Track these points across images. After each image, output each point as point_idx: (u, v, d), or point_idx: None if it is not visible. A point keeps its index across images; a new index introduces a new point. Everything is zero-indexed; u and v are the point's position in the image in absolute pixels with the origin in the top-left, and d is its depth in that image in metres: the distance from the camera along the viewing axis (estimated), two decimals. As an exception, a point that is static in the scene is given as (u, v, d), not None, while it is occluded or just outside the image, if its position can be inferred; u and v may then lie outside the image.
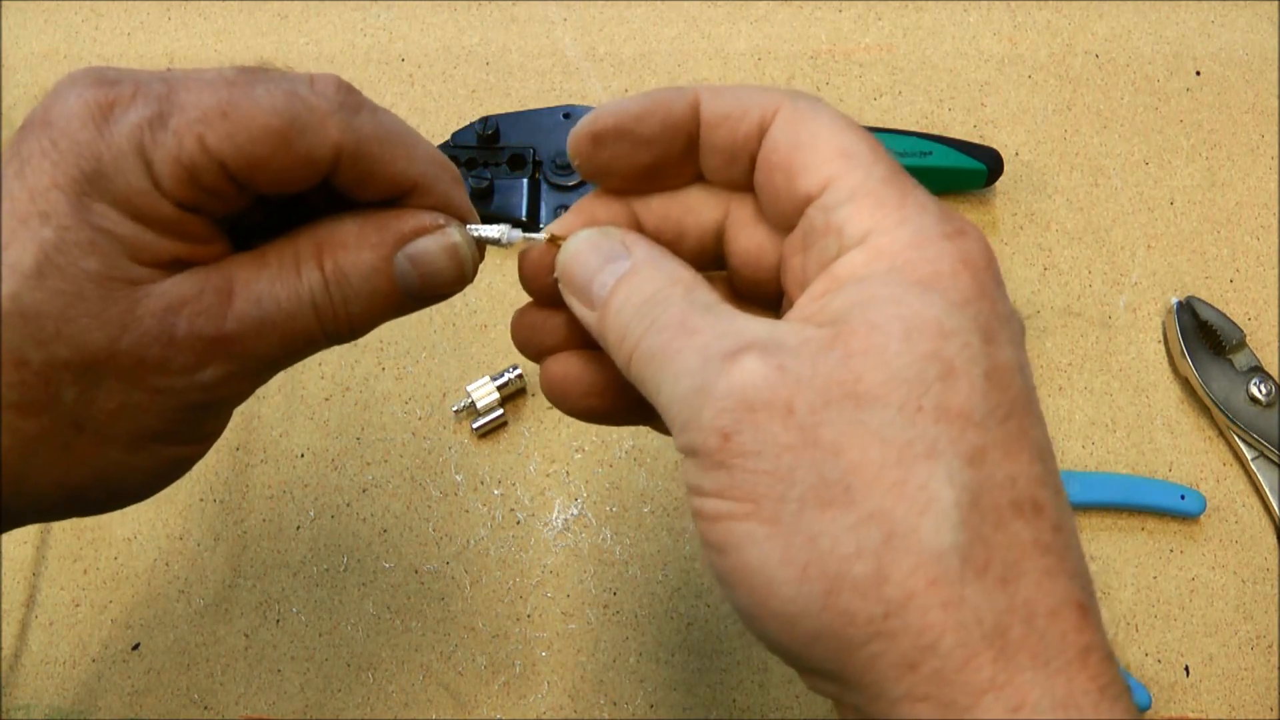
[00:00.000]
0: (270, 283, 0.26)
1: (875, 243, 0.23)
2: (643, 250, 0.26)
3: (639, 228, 0.29)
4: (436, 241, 0.28)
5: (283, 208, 0.28)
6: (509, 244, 0.29)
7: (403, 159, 0.27)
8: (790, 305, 0.26)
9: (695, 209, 0.28)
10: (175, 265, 0.26)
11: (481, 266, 0.30)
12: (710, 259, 0.29)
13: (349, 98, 0.26)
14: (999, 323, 0.23)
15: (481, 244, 0.29)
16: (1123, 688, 0.21)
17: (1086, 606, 0.21)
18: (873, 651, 0.21)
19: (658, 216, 0.29)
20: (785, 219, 0.26)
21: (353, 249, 0.27)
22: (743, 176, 0.27)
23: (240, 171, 0.25)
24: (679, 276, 0.25)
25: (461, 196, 0.29)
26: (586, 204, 0.29)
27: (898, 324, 0.22)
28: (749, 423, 0.22)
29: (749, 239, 0.28)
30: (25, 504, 0.26)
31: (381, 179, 0.27)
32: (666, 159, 0.27)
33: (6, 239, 0.24)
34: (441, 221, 0.28)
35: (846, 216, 0.24)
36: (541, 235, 0.29)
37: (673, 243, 0.28)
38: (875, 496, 0.21)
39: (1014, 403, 0.22)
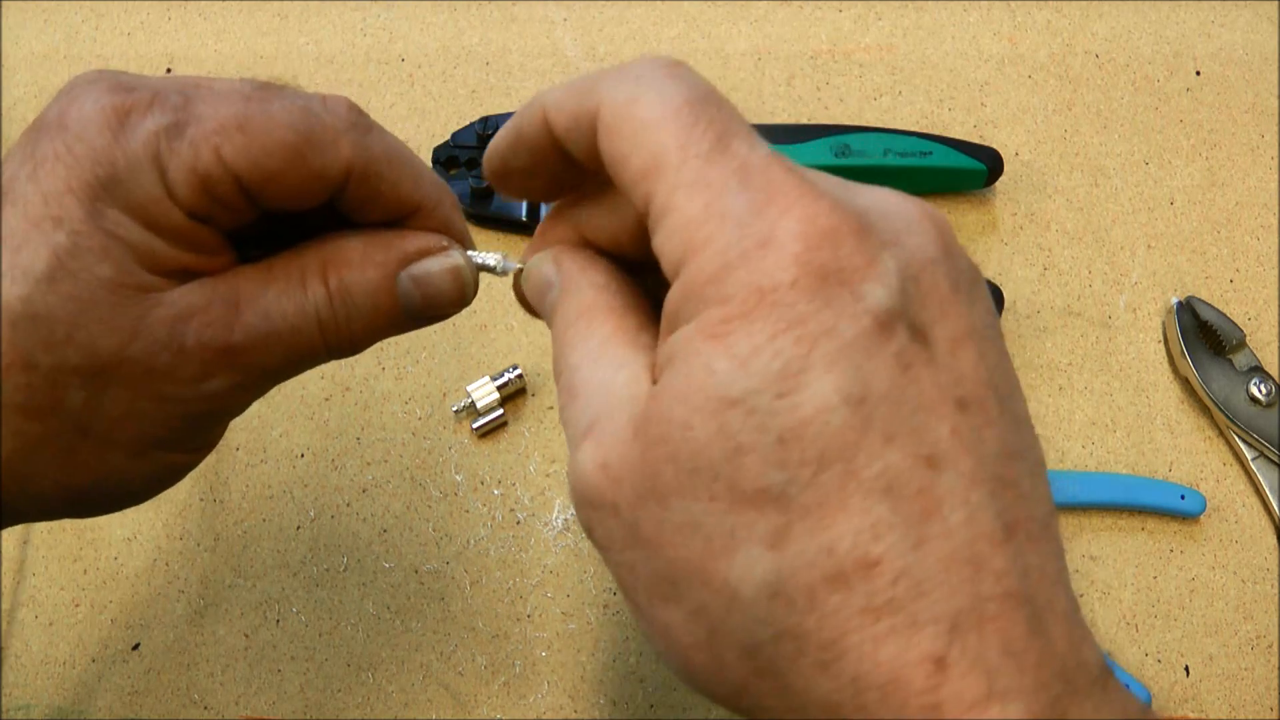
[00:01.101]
0: (277, 297, 0.27)
1: (685, 277, 0.21)
2: (567, 268, 0.26)
3: (583, 240, 0.28)
4: (440, 263, 0.28)
5: (284, 222, 0.28)
6: (504, 273, 0.30)
7: (408, 181, 0.28)
8: None
9: (616, 209, 0.27)
10: (183, 275, 0.26)
11: None
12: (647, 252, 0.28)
13: (360, 118, 0.27)
14: (810, 348, 0.20)
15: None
16: None
17: (943, 656, 0.19)
18: (750, 717, 0.22)
19: (594, 226, 0.28)
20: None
21: (357, 267, 0.27)
22: None
23: (253, 185, 0.25)
24: (584, 305, 0.25)
25: (461, 221, 0.30)
26: (543, 226, 0.29)
27: (679, 408, 0.20)
28: (596, 519, 0.22)
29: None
30: (26, 504, 0.26)
31: (387, 200, 0.28)
32: (561, 170, 0.26)
33: (19, 242, 0.24)
34: (445, 244, 0.29)
35: (660, 244, 0.22)
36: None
37: (611, 246, 0.27)
38: (694, 592, 0.21)
39: (827, 451, 0.19)
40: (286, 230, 0.28)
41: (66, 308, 0.24)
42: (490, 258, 0.30)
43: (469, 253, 0.30)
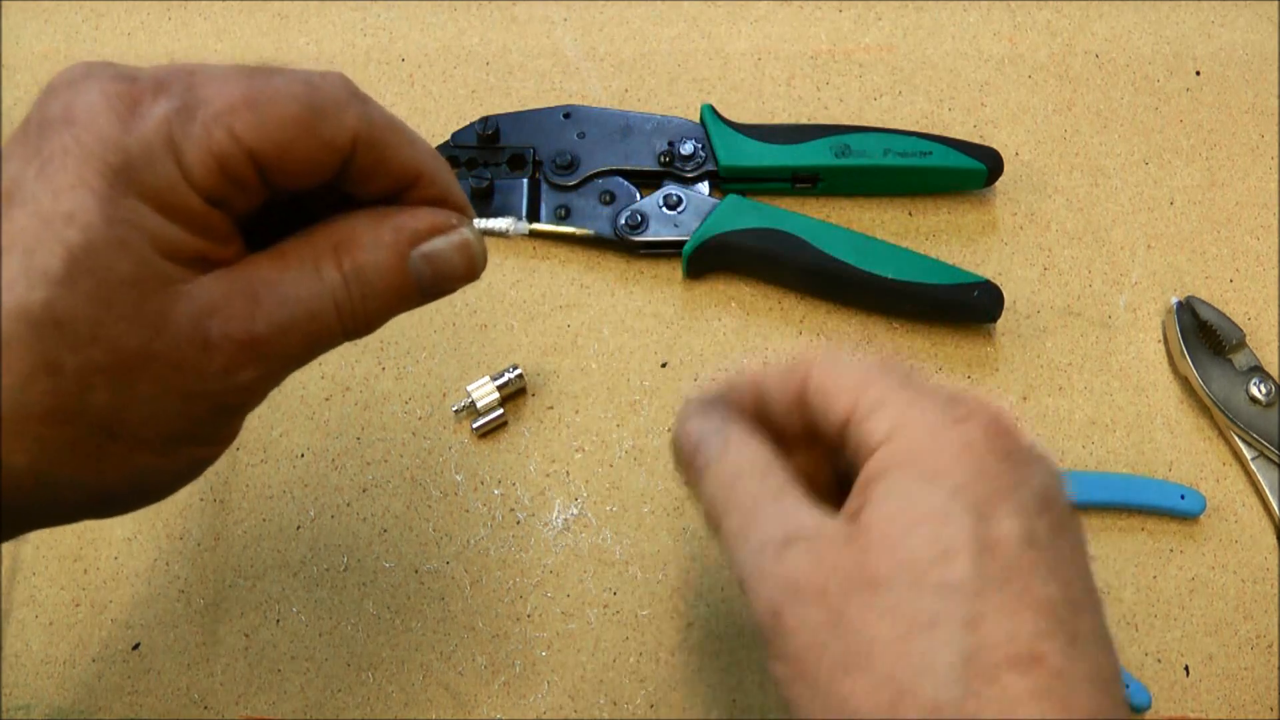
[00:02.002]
0: (294, 284, 0.27)
1: (895, 440, 0.27)
2: (736, 430, 0.31)
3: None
4: (450, 240, 0.29)
5: (284, 208, 0.28)
6: (515, 235, 0.31)
7: (408, 148, 0.28)
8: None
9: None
10: (200, 264, 0.26)
11: None
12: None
13: (357, 90, 0.27)
14: (999, 496, 0.26)
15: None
16: None
17: None
18: None
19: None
20: (839, 444, 0.30)
21: (369, 248, 0.28)
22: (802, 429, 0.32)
23: (268, 160, 0.25)
24: (759, 459, 0.30)
25: (459, 188, 0.30)
26: (718, 386, 0.34)
27: (903, 517, 0.26)
28: (793, 604, 0.27)
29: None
30: (52, 509, 0.26)
31: (392, 167, 0.28)
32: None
33: (33, 243, 0.23)
34: (454, 221, 0.29)
35: (872, 426, 0.28)
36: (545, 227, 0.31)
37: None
38: (887, 662, 0.25)
39: (1011, 568, 0.25)
40: (287, 217, 0.28)
41: (88, 307, 0.23)
42: (499, 223, 0.30)
43: (479, 221, 0.30)
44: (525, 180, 0.51)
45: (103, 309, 0.24)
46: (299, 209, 0.28)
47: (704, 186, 0.52)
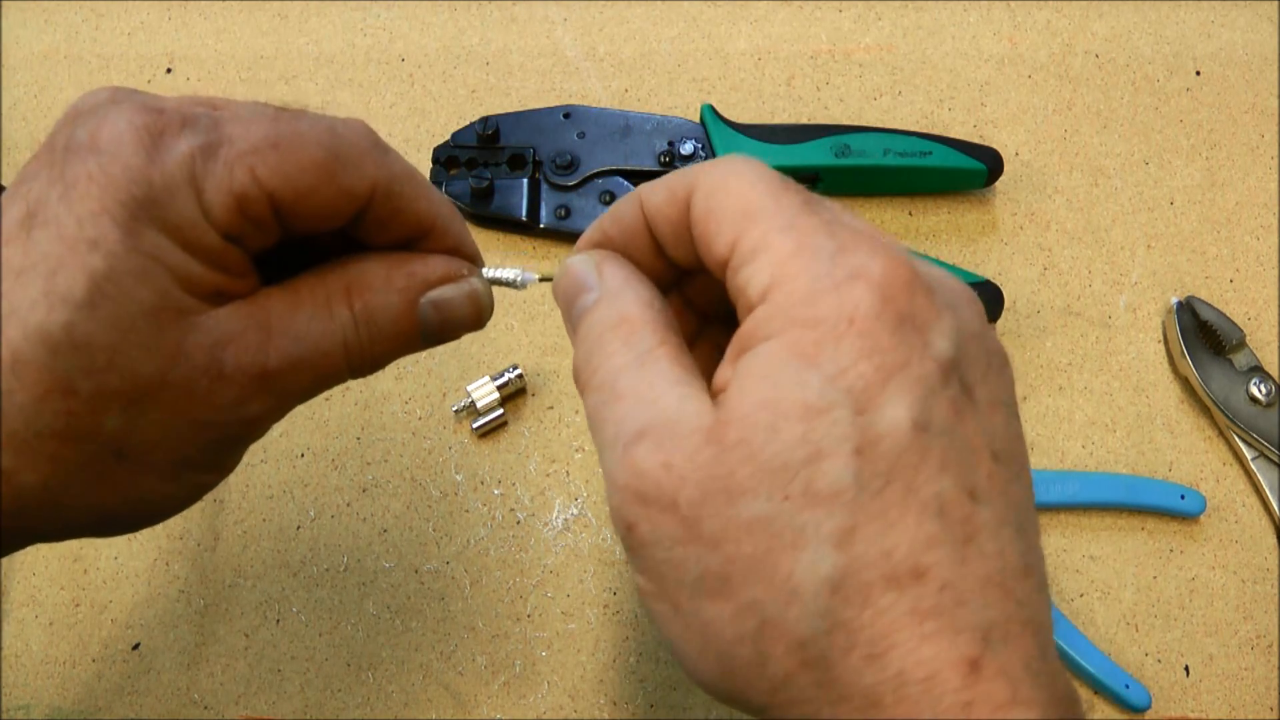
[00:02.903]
0: (306, 321, 0.27)
1: (772, 300, 0.24)
2: (610, 278, 0.28)
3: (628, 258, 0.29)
4: (460, 289, 0.29)
5: (297, 246, 0.29)
6: (523, 286, 0.31)
7: (424, 200, 0.29)
8: None
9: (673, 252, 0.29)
10: (216, 297, 0.26)
11: None
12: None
13: (379, 139, 0.28)
14: (886, 377, 0.22)
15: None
16: None
17: (978, 659, 0.21)
18: (776, 715, 0.23)
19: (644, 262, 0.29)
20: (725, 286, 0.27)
21: (381, 292, 0.28)
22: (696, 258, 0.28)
23: (286, 203, 0.26)
24: (628, 316, 0.26)
25: (471, 240, 0.31)
26: (590, 235, 0.30)
27: (766, 413, 0.22)
28: (644, 515, 0.23)
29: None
30: (55, 525, 0.26)
31: (407, 219, 0.28)
32: (647, 260, 0.29)
33: (55, 266, 0.23)
34: (465, 271, 0.29)
35: (748, 277, 0.24)
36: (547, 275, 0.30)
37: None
38: (749, 587, 0.22)
39: (894, 467, 0.22)
40: (302, 254, 0.29)
41: (108, 334, 0.24)
42: (508, 273, 0.30)
43: (487, 270, 0.30)
44: (525, 180, 0.51)
45: (120, 336, 0.24)
46: (313, 247, 0.29)
47: (704, 186, 0.52)
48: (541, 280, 0.31)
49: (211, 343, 0.25)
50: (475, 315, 0.30)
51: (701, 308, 0.31)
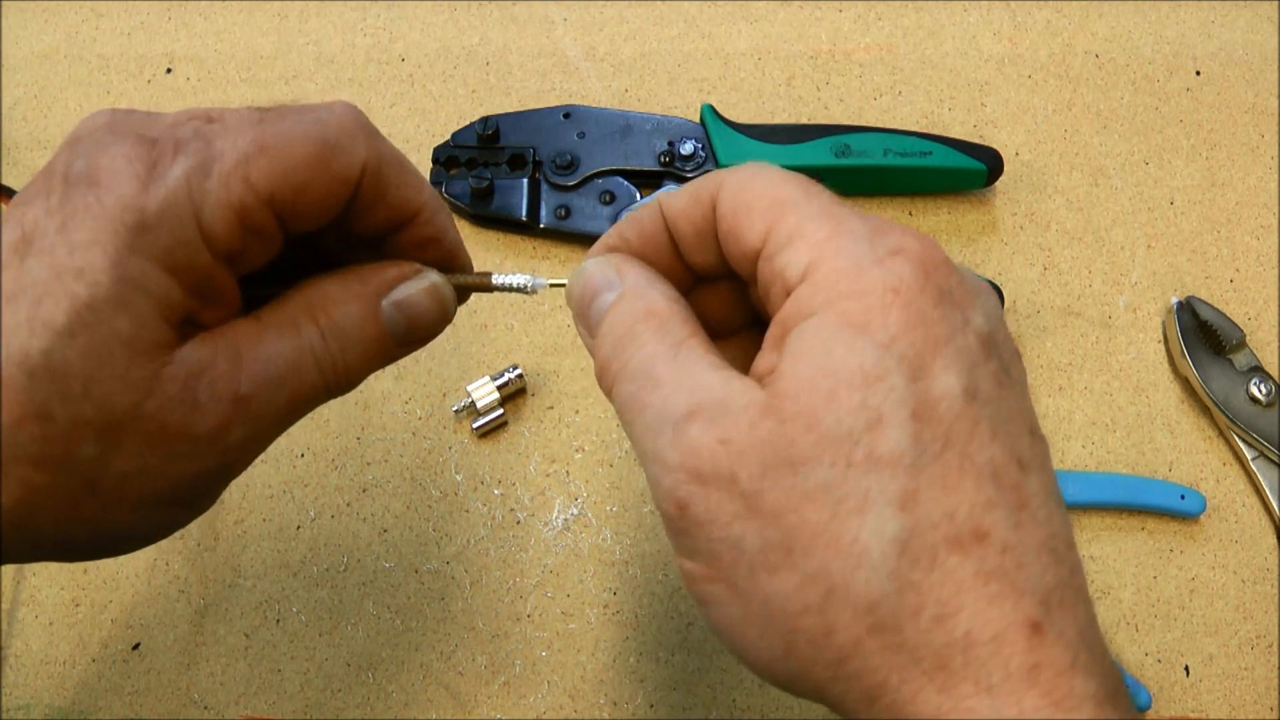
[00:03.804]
0: (274, 342, 0.27)
1: (813, 279, 0.24)
2: (632, 277, 0.28)
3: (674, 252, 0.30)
4: (418, 285, 0.29)
5: (267, 273, 0.29)
6: (534, 291, 0.31)
7: (411, 183, 0.29)
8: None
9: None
10: (193, 326, 0.26)
11: (480, 267, 0.31)
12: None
13: (364, 120, 0.28)
14: (937, 346, 0.23)
15: (466, 288, 0.31)
16: (1084, 698, 0.22)
17: (1040, 623, 0.22)
18: (838, 690, 0.23)
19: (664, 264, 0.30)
20: (752, 279, 0.27)
21: (341, 302, 0.28)
22: (720, 260, 0.28)
23: (285, 203, 0.26)
24: (655, 309, 0.27)
25: (455, 230, 0.31)
26: (608, 240, 0.30)
27: (825, 382, 0.23)
28: (700, 494, 0.23)
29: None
30: (22, 549, 0.26)
31: (393, 200, 0.29)
32: (669, 266, 0.29)
33: (42, 294, 0.24)
34: (419, 268, 0.30)
35: (786, 260, 0.25)
36: (562, 281, 0.31)
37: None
38: (814, 556, 0.22)
39: (950, 432, 0.23)
40: (271, 280, 0.29)
41: (85, 363, 0.24)
42: (518, 279, 0.31)
43: (497, 276, 0.31)
44: (525, 180, 0.51)
45: (97, 365, 0.24)
46: (280, 273, 0.29)
47: (704, 186, 0.52)
48: (553, 286, 0.31)
49: (186, 374, 0.25)
50: (439, 310, 0.30)
51: (710, 319, 0.31)
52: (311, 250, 0.30)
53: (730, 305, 0.30)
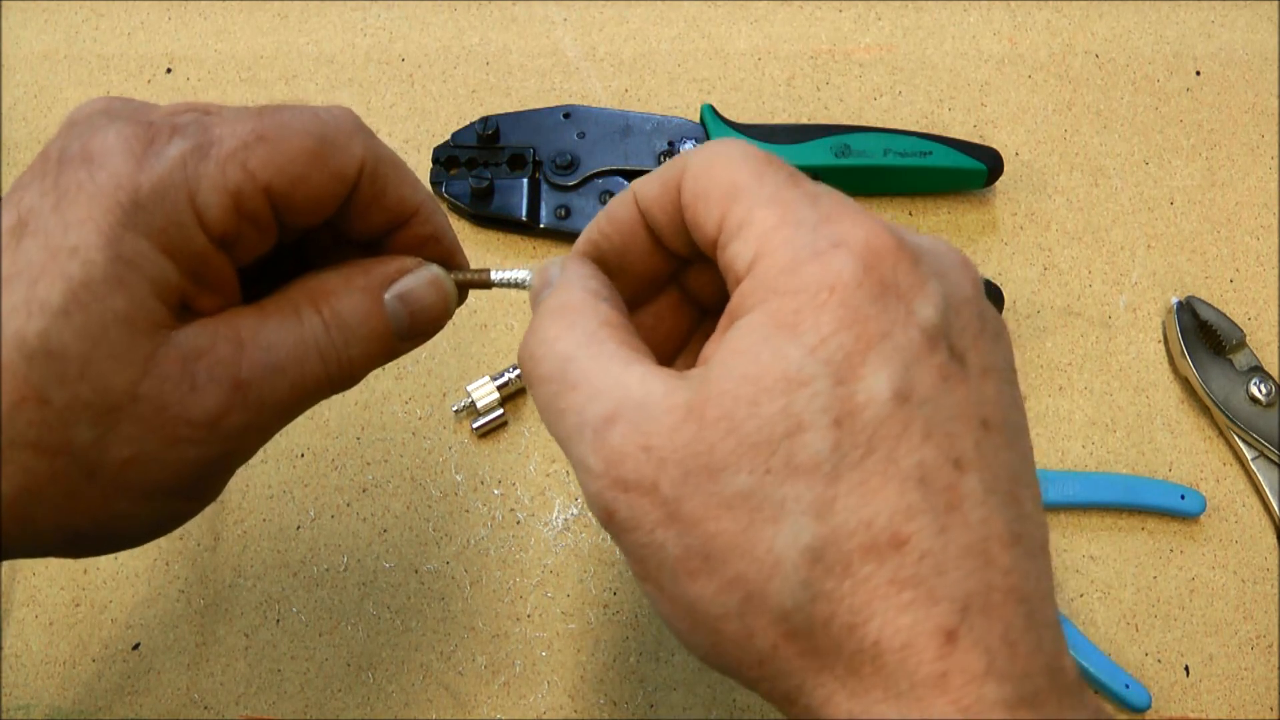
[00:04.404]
0: (276, 330, 0.27)
1: (756, 273, 0.24)
2: (566, 273, 0.28)
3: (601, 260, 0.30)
4: (420, 278, 0.29)
5: (278, 262, 0.29)
6: (530, 285, 0.31)
7: (408, 184, 0.29)
8: None
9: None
10: (191, 310, 0.26)
11: (480, 267, 0.31)
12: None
13: (361, 122, 0.28)
14: (867, 347, 0.22)
15: (466, 284, 0.31)
16: (995, 703, 0.21)
17: (954, 630, 0.21)
18: (764, 688, 0.24)
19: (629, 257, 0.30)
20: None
21: (344, 294, 0.28)
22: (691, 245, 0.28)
23: (281, 194, 0.26)
24: (568, 301, 0.26)
25: (451, 230, 0.31)
26: (598, 218, 0.30)
27: (748, 387, 0.22)
28: (623, 501, 0.23)
29: None
30: (25, 542, 0.26)
31: (390, 201, 0.29)
32: (646, 258, 0.29)
33: (38, 274, 0.24)
34: (420, 262, 0.30)
35: (735, 252, 0.24)
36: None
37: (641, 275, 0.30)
38: (731, 563, 0.22)
39: (874, 438, 0.22)
40: (272, 273, 0.29)
41: (80, 342, 0.24)
42: (518, 274, 0.31)
43: (496, 272, 0.31)
44: (525, 180, 0.51)
45: (93, 345, 0.24)
46: (281, 267, 0.29)
47: (704, 186, 0.52)
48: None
49: (183, 355, 0.25)
50: (441, 303, 0.30)
51: (702, 299, 0.31)
52: (309, 253, 0.30)
53: (718, 285, 0.29)
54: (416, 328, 0.30)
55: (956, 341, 0.23)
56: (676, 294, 0.31)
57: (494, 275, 0.31)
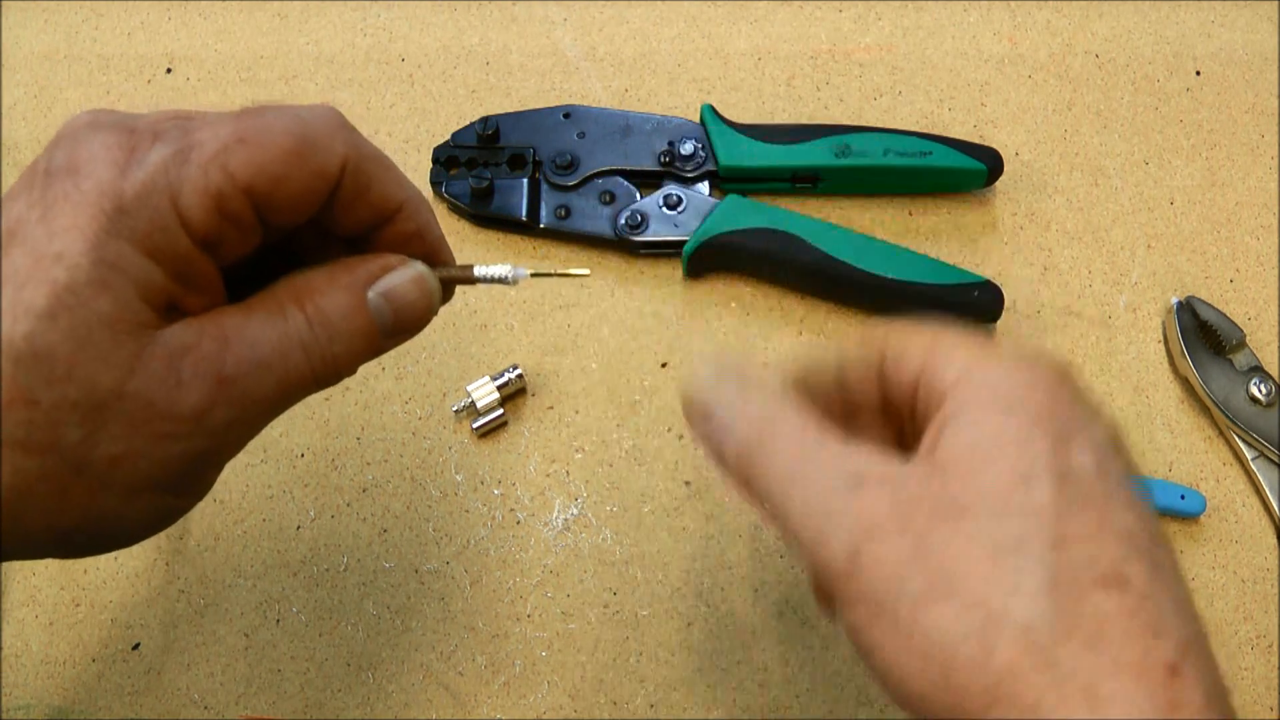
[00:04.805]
0: (260, 327, 0.28)
1: (968, 381, 0.27)
2: (755, 384, 0.30)
3: None
4: (403, 274, 0.30)
5: (255, 265, 0.29)
6: (515, 282, 0.31)
7: (393, 180, 0.29)
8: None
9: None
10: (176, 311, 0.27)
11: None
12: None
13: (344, 119, 0.28)
14: (1072, 430, 0.26)
15: (450, 280, 0.31)
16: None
17: (1178, 665, 0.24)
18: (993, 717, 0.24)
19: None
20: (907, 407, 0.30)
21: (328, 291, 0.29)
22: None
23: (263, 195, 0.26)
24: (788, 407, 0.29)
25: (438, 225, 0.31)
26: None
27: (983, 446, 0.26)
28: (871, 540, 0.26)
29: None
30: (16, 542, 0.27)
31: (375, 197, 0.29)
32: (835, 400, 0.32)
33: (24, 280, 0.24)
34: (404, 259, 0.30)
35: (943, 373, 0.28)
36: (545, 271, 0.32)
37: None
38: (974, 586, 0.25)
39: (1089, 497, 0.25)
40: (256, 274, 0.29)
41: (66, 344, 0.24)
42: (499, 269, 0.31)
43: (478, 268, 0.31)
44: (525, 180, 0.51)
45: (79, 346, 0.25)
46: (265, 268, 0.29)
47: (704, 186, 0.52)
48: (534, 276, 0.31)
49: (169, 353, 0.26)
50: (425, 300, 0.30)
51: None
52: (293, 252, 0.30)
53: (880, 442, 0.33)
54: (400, 324, 0.30)
55: (1123, 454, 0.28)
56: None
57: (477, 271, 0.31)
